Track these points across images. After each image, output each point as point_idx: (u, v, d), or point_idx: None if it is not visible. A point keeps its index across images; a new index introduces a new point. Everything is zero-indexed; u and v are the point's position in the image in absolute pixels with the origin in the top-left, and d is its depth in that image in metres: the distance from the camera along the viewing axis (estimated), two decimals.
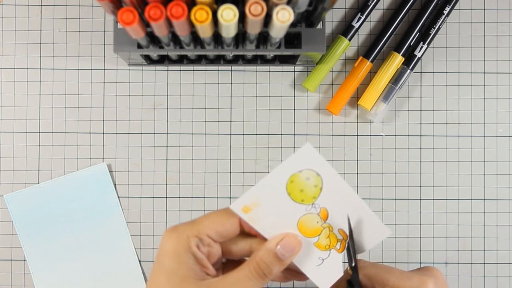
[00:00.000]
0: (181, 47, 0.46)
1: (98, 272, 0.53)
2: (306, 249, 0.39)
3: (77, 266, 0.52)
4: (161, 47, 0.46)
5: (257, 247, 0.39)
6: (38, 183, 0.53)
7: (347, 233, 0.40)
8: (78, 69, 0.54)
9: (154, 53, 0.47)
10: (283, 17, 0.38)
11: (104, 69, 0.54)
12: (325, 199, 0.39)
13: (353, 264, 0.40)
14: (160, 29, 0.40)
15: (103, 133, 0.53)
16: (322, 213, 0.39)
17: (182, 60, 0.53)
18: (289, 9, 0.38)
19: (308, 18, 0.46)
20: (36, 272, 0.52)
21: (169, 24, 0.40)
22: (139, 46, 0.46)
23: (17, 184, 0.53)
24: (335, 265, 0.40)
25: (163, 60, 0.53)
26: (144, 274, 0.53)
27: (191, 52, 0.47)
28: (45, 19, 0.54)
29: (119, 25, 0.45)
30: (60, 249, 0.52)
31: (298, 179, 0.39)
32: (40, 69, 0.54)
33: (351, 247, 0.40)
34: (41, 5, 0.54)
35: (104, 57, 0.54)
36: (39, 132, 0.53)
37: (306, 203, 0.39)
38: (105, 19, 0.54)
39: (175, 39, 0.45)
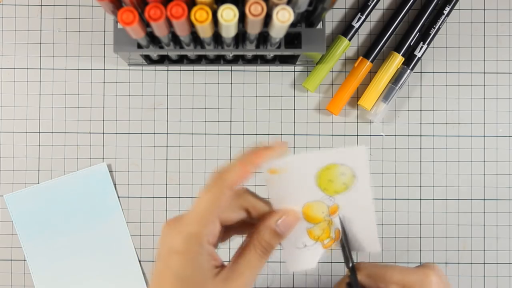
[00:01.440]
0: (181, 47, 0.46)
1: (98, 272, 0.53)
2: (297, 228, 0.39)
3: (77, 266, 0.52)
4: (161, 47, 0.46)
5: (253, 210, 0.38)
6: (38, 183, 0.53)
7: (342, 236, 0.40)
8: (78, 69, 0.54)
9: (154, 53, 0.47)
10: (283, 17, 0.38)
11: (104, 69, 0.54)
12: (344, 199, 0.39)
13: (351, 265, 0.40)
14: (160, 29, 0.40)
15: (103, 133, 0.53)
16: (332, 208, 0.39)
17: (182, 60, 0.53)
18: (289, 9, 0.38)
19: (308, 18, 0.46)
20: (36, 272, 0.52)
21: (169, 24, 0.40)
22: (139, 46, 0.46)
23: (17, 184, 0.53)
24: (312, 257, 0.40)
25: (163, 60, 0.53)
26: (144, 274, 0.53)
27: (191, 52, 0.47)
28: (45, 19, 0.54)
29: (119, 25, 0.45)
30: (60, 249, 0.52)
31: (334, 170, 0.38)
32: (40, 69, 0.54)
33: (347, 249, 0.40)
34: (41, 5, 0.54)
35: (104, 57, 0.54)
36: (39, 132, 0.53)
37: (326, 193, 0.39)
38: (105, 19, 0.54)
39: (175, 39, 0.45)
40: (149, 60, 0.52)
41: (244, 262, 0.37)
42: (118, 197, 0.53)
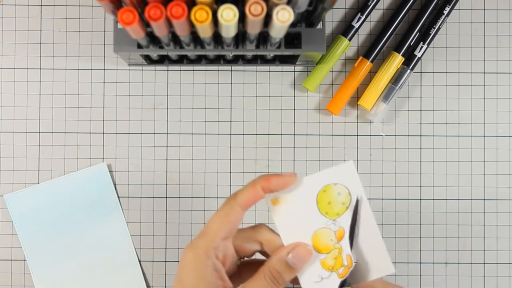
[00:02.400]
0: (181, 47, 0.46)
1: (98, 272, 0.52)
2: (312, 262, 0.40)
3: (77, 266, 0.52)
4: (161, 47, 0.46)
5: (267, 244, 0.40)
6: (38, 183, 0.53)
7: (354, 262, 0.40)
8: (78, 69, 0.54)
9: (154, 53, 0.47)
10: (283, 17, 0.38)
11: (104, 69, 0.54)
12: (347, 219, 0.39)
13: (351, 249, 0.40)
14: (160, 29, 0.40)
15: (103, 133, 0.53)
16: (338, 233, 0.40)
17: (182, 60, 0.53)
18: (289, 9, 0.38)
19: (308, 18, 0.46)
20: (36, 272, 0.52)
21: (169, 24, 0.40)
22: (139, 46, 0.46)
23: (17, 184, 0.53)
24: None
25: (163, 60, 0.53)
26: (144, 274, 0.53)
27: (191, 52, 0.47)
28: (45, 19, 0.54)
29: (119, 25, 0.45)
30: (60, 249, 0.52)
31: (331, 191, 0.40)
32: (40, 69, 0.54)
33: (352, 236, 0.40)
34: (41, 5, 0.54)
35: (104, 57, 0.54)
36: (39, 132, 0.53)
37: (328, 217, 0.40)
38: (105, 19, 0.54)
39: (175, 39, 0.45)
40: (149, 60, 0.52)
41: (251, 287, 0.38)
42: (118, 197, 0.53)
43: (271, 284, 0.38)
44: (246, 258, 0.41)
